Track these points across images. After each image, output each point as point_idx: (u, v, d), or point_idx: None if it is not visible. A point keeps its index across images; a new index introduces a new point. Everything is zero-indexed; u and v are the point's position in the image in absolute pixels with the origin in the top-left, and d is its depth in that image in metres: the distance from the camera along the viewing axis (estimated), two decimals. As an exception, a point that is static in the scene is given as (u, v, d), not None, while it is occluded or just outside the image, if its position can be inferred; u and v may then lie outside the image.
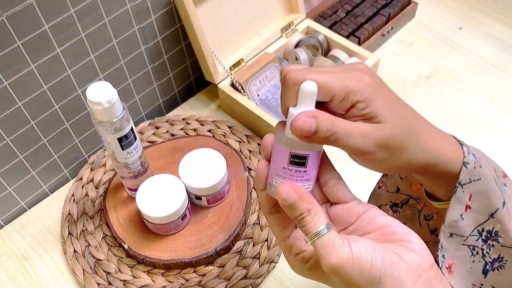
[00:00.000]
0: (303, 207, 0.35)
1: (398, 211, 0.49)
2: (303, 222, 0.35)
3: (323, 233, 0.34)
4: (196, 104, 0.85)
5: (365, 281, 0.34)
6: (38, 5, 0.57)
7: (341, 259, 0.33)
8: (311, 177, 0.37)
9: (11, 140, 0.65)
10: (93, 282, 0.63)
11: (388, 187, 0.49)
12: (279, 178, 0.37)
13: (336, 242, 0.34)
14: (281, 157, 0.36)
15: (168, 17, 0.75)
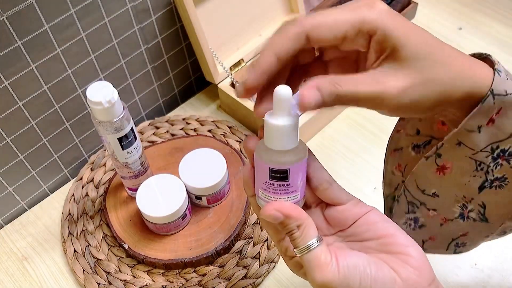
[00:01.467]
0: (291, 225, 0.34)
1: (421, 151, 0.45)
2: (293, 237, 0.34)
3: (311, 248, 0.34)
4: (196, 104, 0.85)
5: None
6: (39, 5, 0.57)
7: (327, 277, 0.32)
8: (296, 187, 0.35)
9: (11, 140, 0.65)
10: (93, 282, 0.63)
11: (407, 130, 0.45)
12: (263, 191, 0.35)
13: (322, 259, 0.33)
14: (261, 171, 0.35)
15: (168, 17, 0.75)
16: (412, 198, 0.44)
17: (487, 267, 0.63)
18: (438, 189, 0.41)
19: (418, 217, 0.45)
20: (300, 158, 0.34)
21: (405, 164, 0.46)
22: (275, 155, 0.34)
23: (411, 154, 0.45)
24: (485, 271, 0.63)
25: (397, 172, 0.47)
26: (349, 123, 0.80)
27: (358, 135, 0.78)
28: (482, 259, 0.63)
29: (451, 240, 0.45)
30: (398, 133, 0.46)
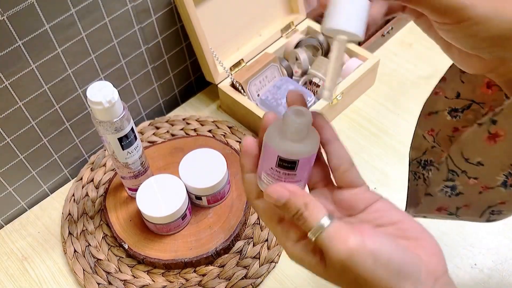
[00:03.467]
0: (299, 203, 0.32)
1: (458, 116, 0.44)
2: (302, 219, 0.32)
3: (327, 225, 0.31)
4: (196, 104, 0.85)
5: (379, 278, 0.30)
6: (39, 5, 0.57)
7: (352, 248, 0.30)
8: (301, 178, 0.34)
9: (12, 140, 0.65)
10: (93, 282, 0.63)
11: (446, 93, 0.44)
12: (267, 176, 0.34)
13: (343, 231, 0.31)
14: (270, 156, 0.33)
15: (169, 17, 0.75)
16: (453, 166, 0.42)
17: (487, 267, 0.63)
18: (485, 158, 0.39)
19: (456, 185, 0.44)
20: (311, 151, 0.34)
21: (438, 129, 0.45)
22: (287, 144, 0.33)
23: (446, 118, 0.44)
24: (485, 271, 0.63)
25: (429, 136, 0.46)
26: (349, 123, 0.80)
27: (358, 135, 0.78)
28: (482, 259, 0.63)
29: (487, 207, 0.44)
30: (436, 95, 0.44)
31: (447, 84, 0.43)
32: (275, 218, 0.35)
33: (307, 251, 0.33)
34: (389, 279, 0.30)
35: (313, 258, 0.33)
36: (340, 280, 0.32)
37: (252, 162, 0.35)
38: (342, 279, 0.32)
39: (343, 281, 0.32)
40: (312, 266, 0.33)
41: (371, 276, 0.30)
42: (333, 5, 0.31)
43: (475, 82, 0.42)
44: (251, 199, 0.36)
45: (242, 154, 0.35)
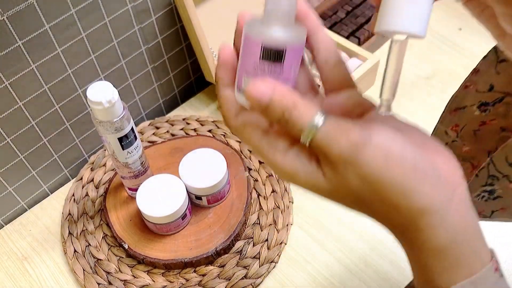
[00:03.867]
0: (286, 101, 0.27)
1: (488, 110, 0.41)
2: (292, 120, 0.27)
3: (322, 122, 0.26)
4: (196, 104, 0.85)
5: (393, 178, 0.25)
6: (39, 5, 0.57)
7: (356, 141, 0.25)
8: (288, 76, 0.29)
9: (12, 140, 0.65)
10: (93, 282, 0.63)
11: (478, 86, 0.41)
12: (249, 77, 0.29)
13: (344, 125, 0.26)
14: (251, 51, 0.28)
15: (169, 18, 0.75)
16: (495, 171, 0.41)
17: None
18: None
19: (495, 189, 0.43)
20: (299, 38, 0.29)
21: (464, 124, 0.43)
22: (272, 29, 0.28)
23: (474, 113, 0.42)
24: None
25: (452, 132, 0.44)
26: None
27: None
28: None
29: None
30: (466, 89, 0.42)
31: (480, 76, 0.41)
32: (259, 131, 0.30)
33: (301, 159, 0.28)
34: (404, 178, 0.26)
35: (309, 166, 0.28)
36: (344, 189, 0.27)
37: (230, 75, 0.30)
38: (346, 187, 0.27)
39: (347, 190, 0.27)
40: (309, 178, 0.28)
41: (382, 177, 0.25)
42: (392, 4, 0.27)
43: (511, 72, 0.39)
44: (229, 118, 0.31)
45: (218, 66, 0.30)
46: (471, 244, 0.28)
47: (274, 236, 0.66)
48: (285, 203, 0.69)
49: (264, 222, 0.67)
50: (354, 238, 0.67)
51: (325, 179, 0.27)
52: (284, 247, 0.66)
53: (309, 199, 0.71)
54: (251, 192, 0.69)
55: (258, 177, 0.72)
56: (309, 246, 0.66)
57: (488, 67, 0.42)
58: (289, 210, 0.69)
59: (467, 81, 0.43)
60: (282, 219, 0.67)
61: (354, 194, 0.27)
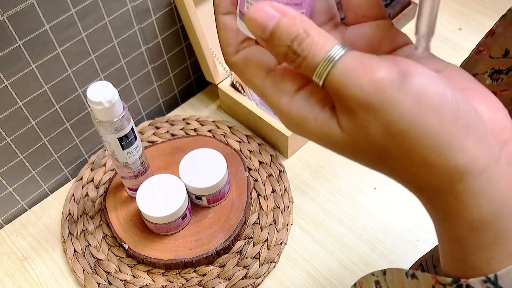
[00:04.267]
0: (295, 28, 0.21)
1: (501, 79, 0.37)
2: (302, 50, 0.21)
3: (340, 53, 0.21)
4: (196, 104, 0.85)
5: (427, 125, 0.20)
6: (39, 5, 0.57)
7: (382, 79, 0.20)
8: (301, 1, 0.24)
9: (12, 140, 0.65)
10: (93, 282, 0.63)
11: (492, 51, 0.37)
12: (252, 1, 0.24)
13: (367, 60, 0.21)
14: None
15: (169, 18, 0.75)
16: None
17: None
18: None
19: None
20: None
21: None
22: None
23: (485, 81, 0.37)
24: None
25: None
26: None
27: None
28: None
29: None
30: (478, 55, 0.38)
31: (494, 39, 0.37)
32: (263, 69, 0.25)
33: (312, 104, 0.23)
34: (441, 128, 0.20)
35: (321, 112, 0.23)
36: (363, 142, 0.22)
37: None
38: (366, 139, 0.22)
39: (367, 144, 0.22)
40: (321, 127, 0.23)
41: (413, 125, 0.20)
42: None
43: None
44: (228, 53, 0.25)
45: None
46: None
47: (274, 236, 0.66)
48: (285, 203, 0.69)
49: (264, 222, 0.67)
50: (354, 238, 0.67)
51: (340, 129, 0.22)
52: (284, 247, 0.66)
53: (309, 199, 0.71)
54: (251, 192, 0.69)
55: (258, 177, 0.72)
56: (309, 246, 0.66)
57: (506, 28, 0.36)
58: (289, 210, 0.69)
59: (480, 45, 0.38)
60: (282, 219, 0.67)
61: (375, 148, 0.22)
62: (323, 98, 0.23)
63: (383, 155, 0.22)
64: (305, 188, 0.72)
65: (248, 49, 0.25)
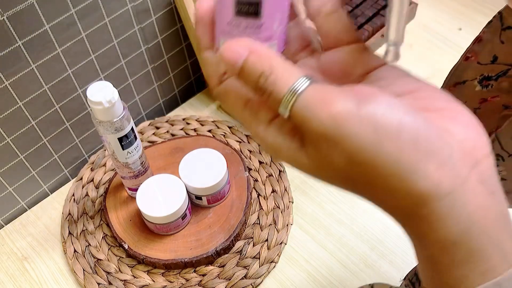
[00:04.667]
0: (260, 64, 0.23)
1: (490, 85, 0.37)
2: (268, 85, 0.23)
3: (301, 88, 0.22)
4: (196, 104, 0.85)
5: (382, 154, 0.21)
6: (39, 5, 0.57)
7: (339, 112, 0.21)
8: (272, 31, 0.25)
9: (12, 140, 0.65)
10: (93, 282, 0.63)
11: (480, 57, 0.37)
12: (225, 36, 0.25)
13: (328, 93, 0.22)
14: (225, 5, 0.24)
15: (169, 18, 0.75)
16: (500, 150, 0.36)
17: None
18: None
19: (500, 171, 0.38)
20: None
21: (464, 101, 0.39)
22: None
23: (475, 88, 0.37)
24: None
25: None
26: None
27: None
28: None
29: None
30: (466, 61, 0.38)
31: (482, 45, 0.37)
32: (241, 100, 0.26)
33: (283, 134, 0.24)
34: (401, 155, 0.21)
35: (292, 142, 0.24)
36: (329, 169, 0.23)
37: (210, 33, 0.26)
38: (331, 167, 0.23)
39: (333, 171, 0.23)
40: (292, 155, 0.24)
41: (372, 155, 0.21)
42: None
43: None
44: (213, 85, 0.27)
45: (196, 24, 0.26)
46: (492, 235, 0.22)
47: (274, 236, 0.66)
48: (285, 203, 0.69)
49: (264, 222, 0.67)
50: (354, 238, 0.67)
51: (308, 158, 0.23)
52: (284, 247, 0.66)
53: (309, 199, 0.71)
54: (251, 192, 0.69)
55: (258, 177, 0.72)
56: (309, 246, 0.66)
57: (493, 34, 0.37)
58: (289, 210, 0.69)
59: (468, 52, 0.38)
60: (282, 219, 0.67)
61: (341, 176, 0.23)
62: (293, 128, 0.24)
63: (350, 181, 0.23)
64: (305, 188, 0.72)
65: (228, 81, 0.26)
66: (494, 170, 0.23)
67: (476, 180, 0.22)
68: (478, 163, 0.22)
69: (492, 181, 0.23)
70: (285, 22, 0.26)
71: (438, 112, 0.23)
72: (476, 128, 0.23)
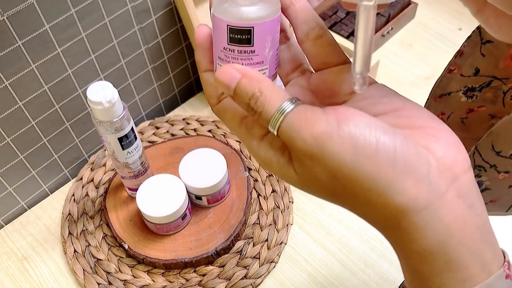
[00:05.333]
0: (251, 87, 0.25)
1: (475, 96, 0.39)
2: (257, 107, 0.25)
3: (288, 109, 0.24)
4: (196, 104, 0.85)
5: (364, 172, 0.22)
6: (39, 5, 0.57)
7: (320, 132, 0.23)
8: (263, 57, 0.27)
9: (12, 140, 0.65)
10: (93, 282, 0.63)
11: (462, 70, 0.38)
12: (221, 62, 0.28)
13: (311, 114, 0.24)
14: (219, 33, 0.27)
15: (169, 18, 0.75)
16: (481, 161, 0.38)
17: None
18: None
19: (482, 181, 0.40)
20: (270, 13, 0.26)
21: (450, 112, 0.40)
22: (236, 8, 0.26)
23: (460, 99, 0.39)
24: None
25: None
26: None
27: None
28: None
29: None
30: (450, 73, 0.39)
31: (464, 59, 0.38)
32: (237, 117, 0.29)
33: (274, 150, 0.27)
34: (379, 172, 0.22)
35: (281, 157, 0.26)
36: (315, 184, 0.25)
37: (208, 57, 0.29)
38: (316, 183, 0.25)
39: (318, 186, 0.25)
40: (281, 170, 0.26)
41: (352, 172, 0.23)
42: None
43: (497, 54, 0.36)
44: (212, 104, 0.30)
45: (196, 47, 0.29)
46: (471, 246, 0.24)
47: (274, 236, 0.66)
48: (285, 203, 0.69)
49: (264, 222, 0.67)
50: (354, 238, 0.67)
51: (295, 173, 0.25)
52: (284, 247, 0.66)
53: (309, 199, 0.71)
54: (251, 192, 0.69)
55: (258, 177, 0.72)
56: (309, 246, 0.66)
57: (473, 48, 0.38)
58: (289, 210, 0.69)
59: (451, 65, 0.40)
60: (282, 219, 0.67)
61: (325, 189, 0.25)
62: (283, 145, 0.26)
63: (334, 194, 0.25)
64: (305, 188, 0.72)
65: (226, 100, 0.29)
66: (474, 183, 0.25)
67: (454, 194, 0.24)
68: (457, 178, 0.24)
69: (471, 194, 0.24)
70: (276, 47, 0.28)
71: (421, 130, 0.25)
72: (456, 145, 0.25)
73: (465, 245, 0.24)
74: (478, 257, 0.24)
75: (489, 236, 0.25)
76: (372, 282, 0.62)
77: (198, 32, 0.28)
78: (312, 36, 0.28)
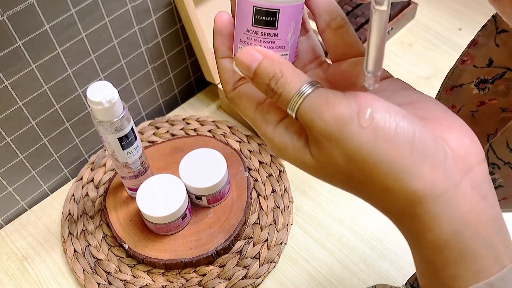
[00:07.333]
0: (272, 68, 0.25)
1: (487, 88, 0.38)
2: (278, 88, 0.25)
3: (308, 91, 0.25)
4: (196, 104, 0.85)
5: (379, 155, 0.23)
6: (39, 5, 0.57)
7: (341, 114, 0.23)
8: (285, 42, 0.27)
9: (11, 140, 0.65)
10: (93, 282, 0.63)
11: (476, 61, 0.38)
12: (242, 44, 0.28)
13: (331, 97, 0.24)
14: (243, 15, 0.27)
15: (169, 17, 0.75)
16: (495, 159, 0.38)
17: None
18: None
19: (496, 178, 0.40)
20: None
21: (461, 105, 0.40)
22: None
23: (472, 92, 0.39)
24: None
25: None
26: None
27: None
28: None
29: None
30: (462, 64, 0.39)
31: (478, 49, 0.38)
32: (253, 103, 0.29)
33: (290, 134, 0.27)
34: (397, 157, 0.23)
35: (297, 141, 0.26)
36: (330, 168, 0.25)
37: (227, 43, 0.29)
38: (332, 166, 0.25)
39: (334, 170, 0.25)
40: (297, 154, 0.26)
41: (370, 155, 0.23)
42: None
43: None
44: (226, 89, 0.30)
45: (214, 34, 0.29)
46: (484, 238, 0.24)
47: (274, 236, 0.66)
48: (285, 203, 0.69)
49: (264, 222, 0.67)
50: (354, 238, 0.67)
51: (311, 156, 0.25)
52: (284, 247, 0.66)
53: (309, 199, 0.71)
54: (251, 192, 0.69)
55: (258, 177, 0.72)
56: (309, 246, 0.66)
57: (488, 38, 0.38)
58: (289, 210, 0.69)
59: (464, 55, 0.39)
60: (282, 219, 0.67)
61: (341, 174, 0.25)
62: (300, 128, 0.26)
63: (349, 180, 0.25)
64: (305, 188, 0.72)
65: (242, 86, 0.29)
66: (487, 176, 0.25)
67: (468, 185, 0.24)
68: (471, 169, 0.24)
69: (485, 186, 0.24)
70: (297, 34, 0.28)
71: (435, 121, 0.25)
72: (470, 137, 0.25)
73: (479, 236, 0.24)
74: (492, 249, 0.24)
75: (502, 229, 0.25)
76: (372, 282, 0.62)
77: (218, 18, 0.28)
78: (334, 26, 0.29)
